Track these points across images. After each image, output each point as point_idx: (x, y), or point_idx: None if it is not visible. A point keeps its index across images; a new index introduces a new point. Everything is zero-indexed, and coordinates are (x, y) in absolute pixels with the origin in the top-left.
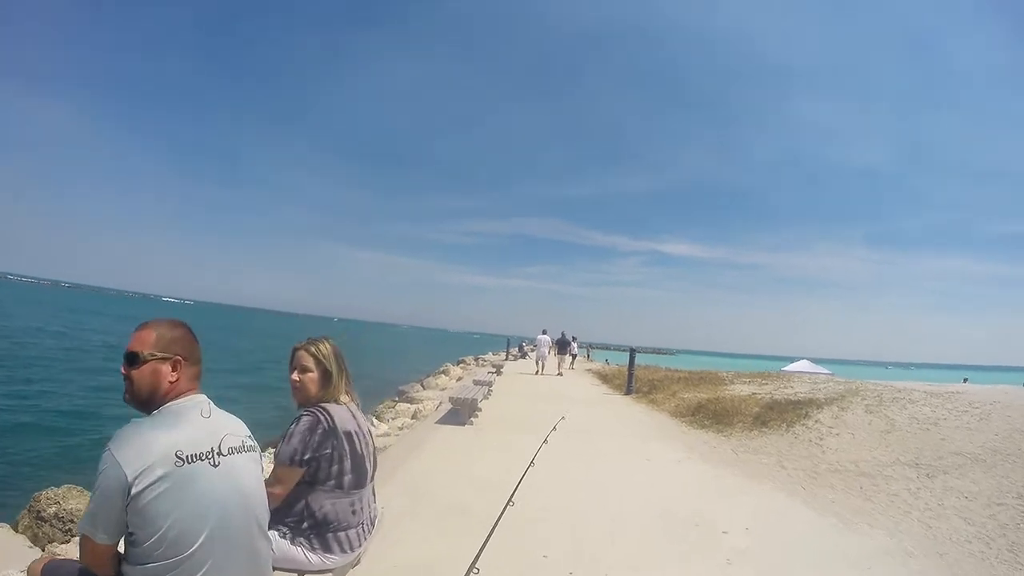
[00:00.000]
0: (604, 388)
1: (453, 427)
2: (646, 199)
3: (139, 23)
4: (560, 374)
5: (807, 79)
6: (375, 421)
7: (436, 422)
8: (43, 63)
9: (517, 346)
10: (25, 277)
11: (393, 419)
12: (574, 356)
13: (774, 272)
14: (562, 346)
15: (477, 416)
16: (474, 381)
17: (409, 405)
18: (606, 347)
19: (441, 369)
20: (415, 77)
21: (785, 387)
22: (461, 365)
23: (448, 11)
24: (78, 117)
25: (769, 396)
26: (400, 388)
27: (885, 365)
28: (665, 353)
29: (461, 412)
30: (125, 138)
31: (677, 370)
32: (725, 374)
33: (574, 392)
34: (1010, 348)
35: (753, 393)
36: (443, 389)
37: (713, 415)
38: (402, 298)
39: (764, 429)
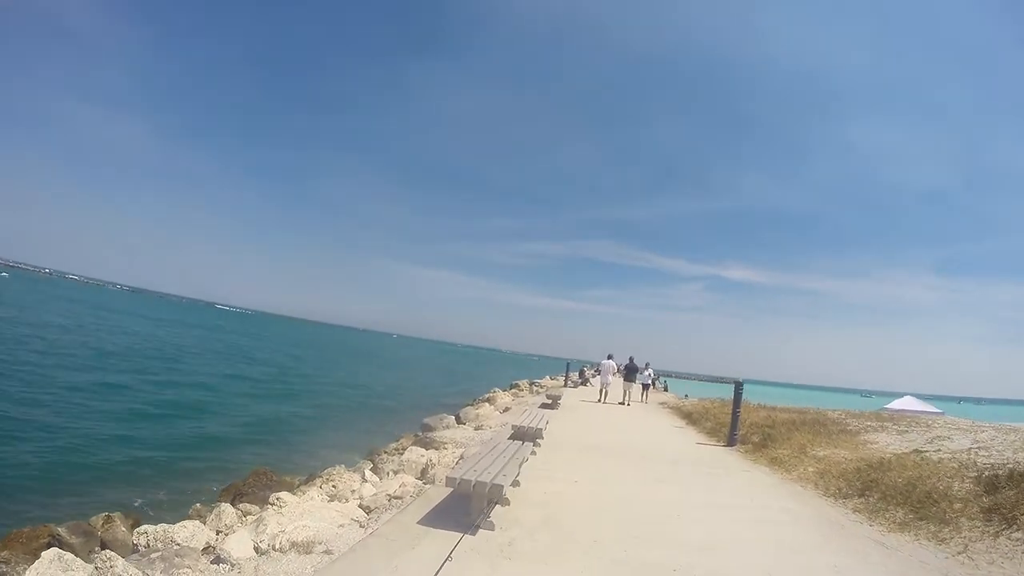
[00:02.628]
0: (692, 433)
1: (445, 538)
2: (705, 223)
3: (217, 52)
4: (627, 404)
5: (866, 99)
6: (343, 485)
7: (431, 513)
8: (131, 90)
9: (578, 371)
10: (88, 279)
11: (376, 487)
12: (647, 387)
13: (837, 299)
14: (630, 372)
15: (504, 507)
16: (515, 428)
17: (422, 453)
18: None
19: (487, 396)
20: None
21: (943, 438)
22: (513, 391)
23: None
24: (157, 139)
25: (955, 459)
26: (425, 421)
27: (957, 400)
28: (726, 382)
29: (472, 503)
30: (199, 158)
31: (774, 407)
32: (834, 414)
33: (654, 440)
34: None
35: (918, 450)
36: (478, 427)
37: (903, 498)
38: (459, 317)
39: (1013, 531)
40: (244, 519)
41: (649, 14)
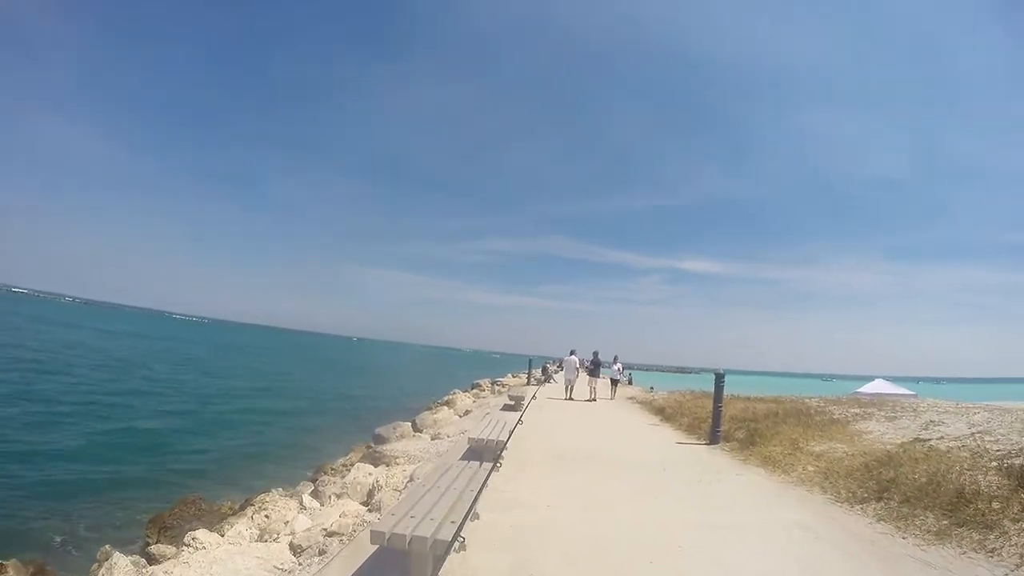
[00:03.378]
0: (669, 431)
1: None
2: (660, 216)
3: (163, 52)
4: (594, 400)
5: (816, 90)
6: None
7: (361, 572)
8: (69, 89)
9: (541, 367)
10: (39, 292)
11: (313, 517)
12: (616, 382)
13: (793, 287)
14: (595, 367)
15: (460, 552)
16: (472, 442)
17: (370, 472)
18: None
19: (446, 399)
20: (428, 105)
21: (936, 423)
22: (474, 391)
23: (462, 35)
24: (103, 140)
25: (963, 447)
26: (377, 431)
27: (916, 381)
28: (689, 372)
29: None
30: (145, 160)
31: (748, 397)
32: (812, 401)
33: (631, 441)
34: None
35: (919, 439)
36: (435, 437)
37: (929, 499)
38: (418, 317)
39: None
40: (143, 572)
41: (601, 12)
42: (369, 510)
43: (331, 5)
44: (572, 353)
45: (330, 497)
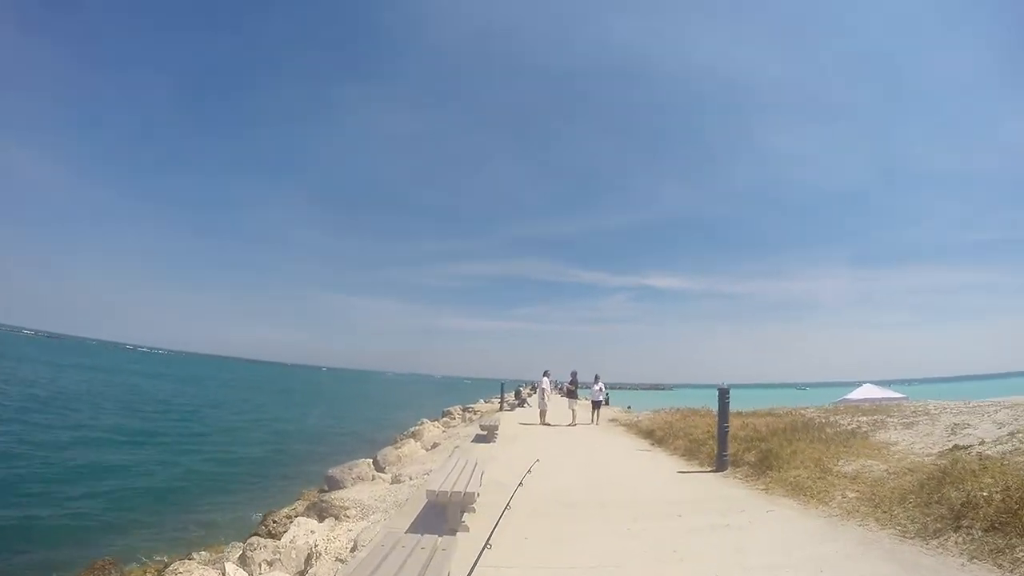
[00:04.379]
0: (664, 457)
1: None
2: (626, 234)
3: (126, 81)
4: (573, 425)
5: (776, 107)
6: None
7: None
8: (32, 121)
9: (514, 391)
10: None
11: None
12: (598, 404)
13: (760, 300)
14: (572, 390)
15: None
16: (431, 497)
17: (312, 529)
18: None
19: (412, 431)
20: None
21: (961, 426)
22: (444, 419)
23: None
24: (64, 172)
25: (1016, 450)
26: (330, 473)
27: (888, 384)
28: (663, 388)
29: None
30: (108, 191)
31: (740, 412)
32: (810, 412)
33: (626, 474)
34: (999, 356)
35: (957, 446)
36: (396, 479)
37: (1020, 522)
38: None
39: None
40: None
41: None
42: None
43: (302, 31)
44: (546, 374)
45: (260, 565)
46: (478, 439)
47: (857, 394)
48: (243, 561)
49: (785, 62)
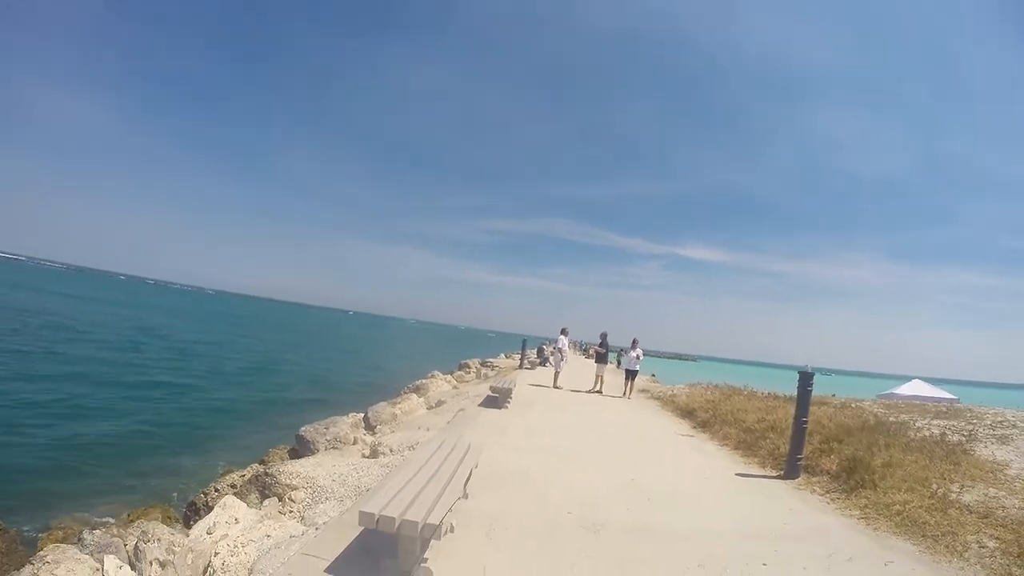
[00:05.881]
0: (713, 449)
1: None
2: (666, 203)
3: (164, 24)
4: (599, 391)
5: (829, 88)
6: None
7: None
8: (72, 62)
9: (536, 348)
10: (35, 259)
11: None
12: (633, 375)
13: (794, 280)
14: (603, 353)
15: None
16: (366, 517)
17: (234, 518)
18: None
19: (417, 383)
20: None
21: None
22: (459, 373)
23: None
24: (105, 113)
25: None
26: (301, 432)
27: (909, 379)
28: (687, 359)
29: None
30: (147, 131)
31: (776, 396)
32: (867, 404)
33: (672, 474)
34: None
35: None
36: (374, 451)
37: None
38: (416, 293)
39: None
40: None
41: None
42: None
43: None
44: (563, 332)
45: (151, 564)
46: (488, 402)
47: (904, 389)
48: (136, 554)
49: (840, 47)
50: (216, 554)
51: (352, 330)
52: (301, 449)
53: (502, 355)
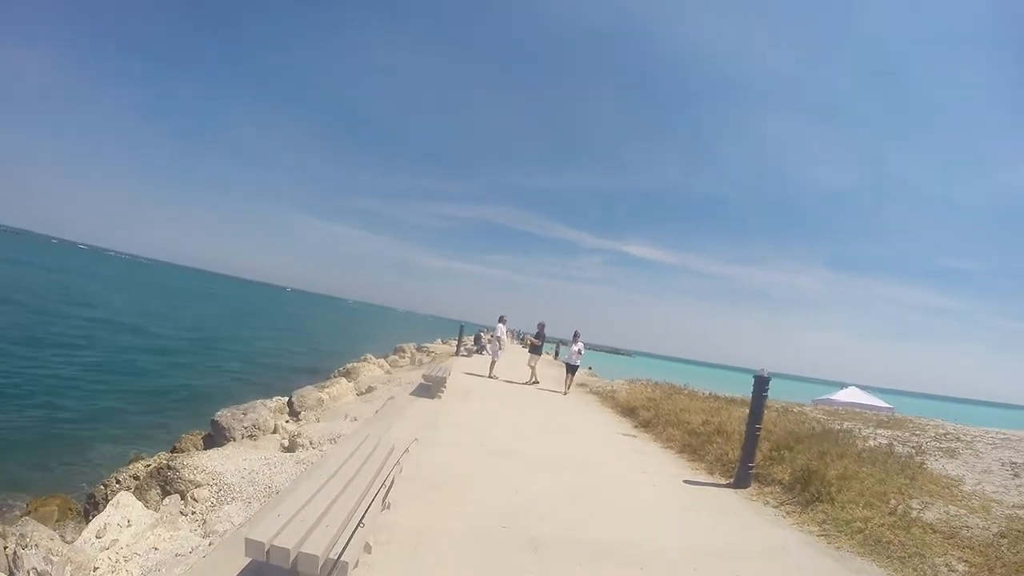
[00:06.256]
0: (658, 451)
1: None
2: (614, 199)
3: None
4: (536, 381)
5: (781, 98)
6: None
7: None
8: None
9: (474, 335)
10: None
11: None
12: (574, 369)
13: (733, 284)
14: (537, 345)
15: None
16: (257, 554)
17: (118, 521)
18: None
19: (348, 367)
20: (395, 56)
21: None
22: (393, 357)
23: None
24: (57, 67)
25: None
26: (216, 417)
27: (842, 387)
28: (623, 354)
29: None
30: (90, 85)
31: (717, 397)
32: (808, 409)
33: (614, 484)
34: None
35: None
36: (291, 446)
37: None
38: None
39: None
40: None
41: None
42: None
43: None
44: (501, 320)
45: (28, 574)
46: (420, 391)
47: (843, 396)
48: (15, 562)
49: (795, 58)
50: (95, 569)
51: (289, 308)
52: (216, 436)
53: (439, 340)
